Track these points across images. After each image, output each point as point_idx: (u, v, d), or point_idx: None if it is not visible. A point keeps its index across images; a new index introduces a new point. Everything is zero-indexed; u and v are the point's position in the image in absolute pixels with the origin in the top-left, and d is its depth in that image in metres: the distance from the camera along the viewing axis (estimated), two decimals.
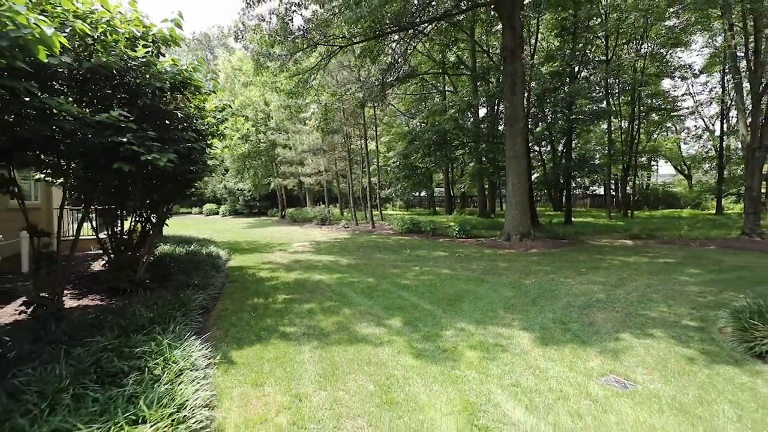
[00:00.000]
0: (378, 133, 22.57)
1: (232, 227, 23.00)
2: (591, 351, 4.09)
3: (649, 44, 20.95)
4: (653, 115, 26.13)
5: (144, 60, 4.33)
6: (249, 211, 38.19)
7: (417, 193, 34.12)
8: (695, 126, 30.22)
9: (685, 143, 32.70)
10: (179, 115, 5.56)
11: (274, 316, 5.38)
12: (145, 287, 6.08)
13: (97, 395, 2.49)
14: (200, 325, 4.81)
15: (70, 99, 4.21)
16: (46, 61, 2.61)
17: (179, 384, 2.69)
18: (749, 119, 12.66)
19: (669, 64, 22.87)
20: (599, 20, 18.39)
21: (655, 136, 30.39)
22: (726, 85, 23.81)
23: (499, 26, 16.38)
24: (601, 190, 33.86)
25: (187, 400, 2.51)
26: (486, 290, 6.68)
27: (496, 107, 20.99)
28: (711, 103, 27.70)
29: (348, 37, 13.35)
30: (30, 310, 4.58)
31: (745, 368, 3.64)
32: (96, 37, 3.85)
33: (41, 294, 4.56)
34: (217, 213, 38.67)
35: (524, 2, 12.98)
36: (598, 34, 19.18)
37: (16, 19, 2.28)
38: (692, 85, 28.03)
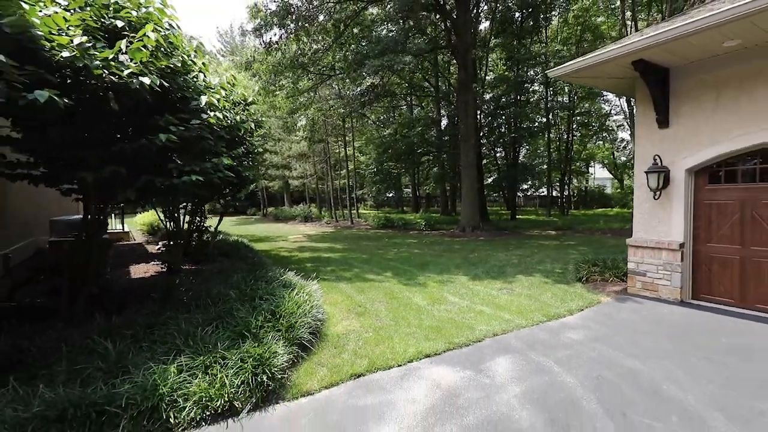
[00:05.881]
0: (353, 139, 25.72)
1: (222, 225, 25.27)
2: (498, 281, 7.54)
3: None
4: (586, 129, 31.09)
5: (243, 115, 7.33)
6: (227, 210, 39.91)
7: (387, 194, 37.60)
8: (622, 139, 35.59)
9: (617, 151, 38.47)
10: (246, 143, 8.54)
11: (311, 272, 8.45)
12: (214, 259, 8.97)
13: (270, 285, 5.55)
14: None
15: None
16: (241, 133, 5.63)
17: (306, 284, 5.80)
18: None
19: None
20: (541, 50, 22.53)
21: (589, 145, 35.57)
22: None
23: None
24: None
25: (312, 288, 5.62)
26: (444, 260, 10.07)
27: (456, 121, 24.76)
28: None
29: (334, 67, 16.54)
30: (165, 267, 7.45)
31: (570, 285, 7.19)
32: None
33: (173, 258, 7.44)
34: None
35: (476, 44, 16.58)
36: (540, 60, 23.39)
37: (243, 124, 5.34)
38: (623, 103, 33.34)
